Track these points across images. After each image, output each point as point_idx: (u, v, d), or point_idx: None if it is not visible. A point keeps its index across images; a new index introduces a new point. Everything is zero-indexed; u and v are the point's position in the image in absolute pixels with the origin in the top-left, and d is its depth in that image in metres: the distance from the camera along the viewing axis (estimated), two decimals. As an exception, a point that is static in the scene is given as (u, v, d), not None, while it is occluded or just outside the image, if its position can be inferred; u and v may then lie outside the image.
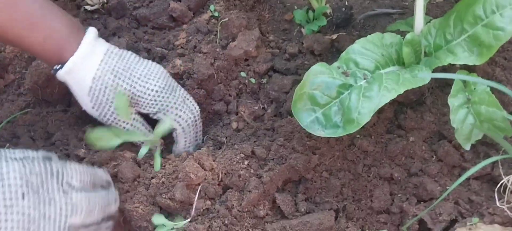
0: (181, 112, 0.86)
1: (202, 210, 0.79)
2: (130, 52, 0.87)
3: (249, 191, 0.80)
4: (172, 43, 1.04)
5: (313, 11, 1.06)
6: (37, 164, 0.65)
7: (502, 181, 0.75)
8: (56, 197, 0.65)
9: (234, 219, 0.79)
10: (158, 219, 0.77)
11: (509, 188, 0.74)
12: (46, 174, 0.65)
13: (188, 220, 0.77)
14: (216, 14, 1.06)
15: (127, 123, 0.85)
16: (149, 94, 0.84)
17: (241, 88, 0.98)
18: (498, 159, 0.76)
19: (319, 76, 0.80)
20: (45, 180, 0.65)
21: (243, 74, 0.98)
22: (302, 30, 1.07)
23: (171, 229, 0.76)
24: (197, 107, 0.90)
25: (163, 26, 1.08)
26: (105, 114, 0.84)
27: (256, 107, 0.95)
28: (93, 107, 0.83)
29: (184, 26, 1.07)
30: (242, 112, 0.94)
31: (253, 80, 0.98)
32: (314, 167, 0.84)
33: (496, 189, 0.75)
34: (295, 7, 1.10)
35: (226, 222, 0.78)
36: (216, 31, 1.03)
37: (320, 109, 0.79)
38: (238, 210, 0.79)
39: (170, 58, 0.99)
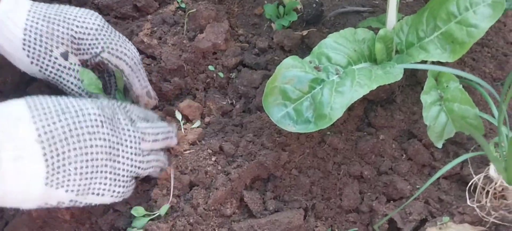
0: (125, 50, 0.82)
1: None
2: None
3: (216, 189, 0.76)
4: (136, 34, 0.99)
5: (284, 6, 1.03)
6: (105, 100, 0.73)
7: (472, 180, 0.74)
8: (127, 125, 0.71)
9: (200, 218, 0.75)
10: (139, 210, 0.74)
11: (480, 186, 0.73)
12: (114, 107, 0.72)
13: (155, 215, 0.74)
14: (183, 5, 1.02)
15: (76, 77, 0.79)
16: (89, 33, 0.79)
17: (209, 82, 0.94)
18: (468, 157, 0.75)
19: (291, 70, 0.77)
20: (115, 112, 0.71)
21: (211, 68, 0.95)
22: (272, 25, 1.04)
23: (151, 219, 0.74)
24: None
25: (126, 16, 1.03)
26: (46, 67, 0.77)
27: (224, 102, 0.91)
28: (32, 62, 0.76)
29: (149, 17, 1.02)
30: (210, 107, 0.90)
31: (221, 74, 0.94)
32: (283, 164, 0.81)
33: (467, 188, 0.75)
34: (266, 2, 1.07)
35: (191, 220, 0.74)
36: (183, 22, 0.99)
37: (291, 104, 0.76)
38: (203, 208, 0.76)
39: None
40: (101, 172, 0.67)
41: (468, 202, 0.74)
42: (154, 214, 0.74)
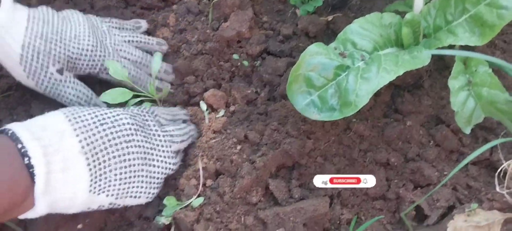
0: (124, 58, 0.88)
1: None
2: (49, 10, 0.83)
3: (242, 177, 0.77)
4: (161, 25, 1.00)
5: (308, -9, 1.02)
6: (134, 107, 0.80)
7: (502, 166, 0.73)
8: (157, 131, 0.76)
9: (226, 206, 0.76)
10: (171, 201, 0.77)
11: (509, 173, 0.71)
12: (143, 114, 0.78)
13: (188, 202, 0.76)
14: (207, -6, 1.02)
15: (73, 88, 0.82)
16: (86, 55, 0.83)
17: (234, 71, 0.95)
18: (498, 143, 0.74)
19: (316, 57, 0.77)
20: (144, 118, 0.76)
21: (235, 56, 0.95)
22: (297, 11, 1.03)
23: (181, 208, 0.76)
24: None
25: (152, 6, 1.04)
26: (42, 82, 0.80)
27: (249, 91, 0.92)
28: (28, 77, 0.79)
29: (174, 7, 1.03)
30: (235, 96, 0.90)
31: (246, 62, 0.95)
32: (308, 152, 0.81)
33: (496, 174, 0.73)
34: (290, -12, 1.06)
35: (217, 209, 0.75)
36: (207, 12, 1.00)
37: (316, 92, 0.76)
38: (230, 197, 0.77)
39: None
40: (138, 176, 0.71)
41: (498, 189, 0.72)
42: (184, 204, 0.75)
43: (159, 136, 0.76)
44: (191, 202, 0.76)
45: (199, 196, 0.77)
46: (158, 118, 0.79)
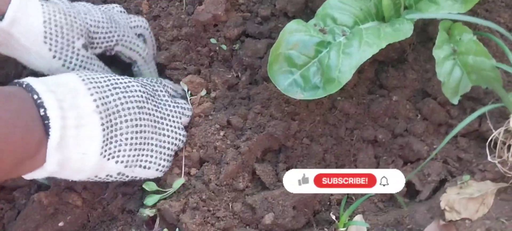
0: (137, 41, 0.84)
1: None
2: None
3: (227, 163, 0.75)
4: (134, 12, 0.96)
5: (285, -29, 0.99)
6: (144, 77, 0.79)
7: (492, 135, 0.71)
8: (168, 101, 0.75)
9: (212, 194, 0.73)
10: (151, 185, 0.73)
11: (500, 141, 0.70)
12: (153, 83, 0.76)
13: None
14: (180, -22, 0.99)
15: (98, 66, 0.78)
16: (103, 27, 0.79)
17: (212, 56, 0.92)
18: (486, 111, 0.72)
19: (295, 35, 0.74)
20: (154, 88, 0.75)
21: (213, 40, 0.92)
22: (274, -9, 1.00)
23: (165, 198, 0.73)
24: (145, 21, 0.89)
25: (124, -6, 1.00)
26: (70, 60, 0.74)
27: (230, 76, 0.89)
28: (54, 57, 0.72)
29: (147, -7, 0.99)
30: (216, 81, 0.87)
31: (224, 46, 0.91)
32: (294, 134, 0.79)
33: (487, 144, 0.71)
34: (265, -32, 1.03)
35: (203, 197, 0.72)
36: (182, -4, 0.96)
37: (297, 71, 0.73)
38: (216, 184, 0.74)
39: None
40: (149, 144, 0.70)
41: (489, 159, 0.71)
42: (165, 191, 0.72)
43: (170, 106, 0.75)
44: (173, 187, 0.73)
45: (183, 185, 0.74)
46: (167, 88, 0.78)
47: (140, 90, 0.70)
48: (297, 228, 0.73)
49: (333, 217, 0.72)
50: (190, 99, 0.84)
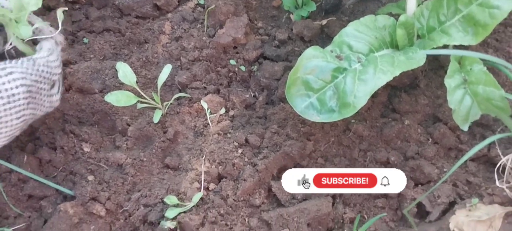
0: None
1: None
2: None
3: (244, 180, 0.78)
4: (158, 33, 1.00)
5: (302, -3, 1.04)
6: None
7: (500, 161, 0.74)
8: None
9: (230, 209, 0.76)
10: (172, 199, 0.76)
11: (509, 167, 0.73)
12: None
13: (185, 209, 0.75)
14: (201, 1, 1.03)
15: None
16: None
17: (231, 77, 0.96)
18: (495, 139, 0.75)
19: (313, 60, 0.78)
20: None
21: (232, 62, 0.96)
22: (291, 16, 1.04)
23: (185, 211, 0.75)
24: None
25: (147, 15, 1.05)
26: None
27: (247, 95, 0.93)
28: None
29: (169, 15, 1.04)
30: (234, 101, 0.91)
31: (243, 68, 0.95)
32: (309, 154, 0.82)
33: (495, 169, 0.74)
34: (283, -7, 1.08)
35: (221, 211, 0.75)
36: (203, 19, 1.00)
37: (314, 94, 0.77)
38: (233, 200, 0.77)
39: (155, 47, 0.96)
40: None
41: (497, 183, 0.74)
42: (185, 205, 0.76)
43: None
44: (192, 201, 0.76)
45: (202, 199, 0.77)
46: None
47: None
48: (311, 245, 0.76)
49: (346, 235, 0.75)
50: (209, 117, 0.88)
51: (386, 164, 0.82)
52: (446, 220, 0.73)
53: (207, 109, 0.89)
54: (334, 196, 0.79)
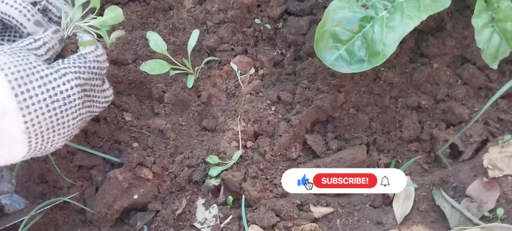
0: None
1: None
2: None
3: (280, 136, 0.81)
4: (179, 3, 1.02)
5: None
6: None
7: (532, 96, 0.75)
8: None
9: (268, 164, 0.80)
10: (213, 158, 0.79)
11: (540, 101, 0.74)
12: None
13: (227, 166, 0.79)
14: (222, -37, 1.04)
15: None
16: None
17: (257, 36, 0.97)
18: (526, 75, 0.76)
19: (339, 12, 0.79)
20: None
21: (257, 21, 0.97)
22: (312, -31, 1.04)
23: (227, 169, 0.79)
24: None
25: (169, -18, 1.06)
26: None
27: (275, 53, 0.94)
28: None
29: (191, -20, 1.05)
30: (262, 60, 0.93)
31: (268, 26, 0.97)
32: (340, 105, 0.84)
33: (527, 104, 0.75)
34: None
35: (261, 166, 0.79)
36: (224, -20, 1.01)
37: (343, 46, 0.78)
38: (271, 155, 0.80)
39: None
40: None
41: (529, 118, 0.75)
42: (226, 163, 0.79)
43: None
44: (233, 159, 0.79)
45: (241, 157, 0.80)
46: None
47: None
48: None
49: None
50: (240, 78, 0.90)
51: (417, 108, 0.84)
52: (480, 158, 0.75)
53: (237, 70, 0.91)
54: (367, 144, 0.82)
